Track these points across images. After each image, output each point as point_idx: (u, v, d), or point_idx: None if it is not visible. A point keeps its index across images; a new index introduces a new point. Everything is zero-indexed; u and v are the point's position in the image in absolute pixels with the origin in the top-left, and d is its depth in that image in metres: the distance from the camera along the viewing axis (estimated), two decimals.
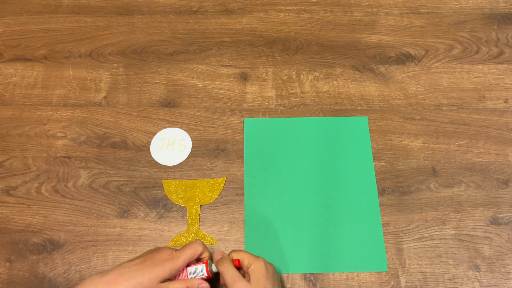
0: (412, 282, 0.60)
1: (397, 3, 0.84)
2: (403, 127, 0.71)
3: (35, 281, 0.60)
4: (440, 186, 0.66)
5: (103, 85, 0.76)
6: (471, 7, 0.84)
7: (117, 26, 0.82)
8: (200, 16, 0.83)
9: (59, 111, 0.73)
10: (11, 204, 0.65)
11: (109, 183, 0.67)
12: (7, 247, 0.63)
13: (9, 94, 0.75)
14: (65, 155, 0.69)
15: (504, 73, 0.76)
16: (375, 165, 0.68)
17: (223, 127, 0.72)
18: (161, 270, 0.50)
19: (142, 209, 0.65)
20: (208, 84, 0.76)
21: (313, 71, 0.77)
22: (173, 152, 0.69)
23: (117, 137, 0.71)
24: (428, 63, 0.77)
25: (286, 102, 0.74)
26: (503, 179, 0.67)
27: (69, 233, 0.63)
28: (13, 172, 0.68)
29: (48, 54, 0.79)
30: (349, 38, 0.80)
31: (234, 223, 0.64)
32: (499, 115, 0.72)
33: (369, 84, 0.75)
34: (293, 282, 0.60)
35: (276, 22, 0.82)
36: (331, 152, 0.69)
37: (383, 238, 0.63)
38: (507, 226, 0.64)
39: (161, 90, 0.75)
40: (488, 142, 0.70)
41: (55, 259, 0.62)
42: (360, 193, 0.66)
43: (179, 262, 0.51)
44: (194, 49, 0.79)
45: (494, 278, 0.60)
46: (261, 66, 0.77)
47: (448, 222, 0.64)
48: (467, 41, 0.80)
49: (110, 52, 0.79)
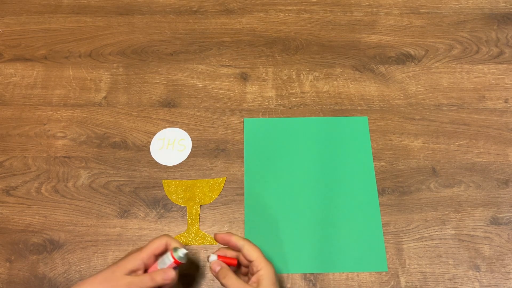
0: (412, 282, 0.60)
1: (397, 3, 0.84)
2: (403, 127, 0.71)
3: (35, 281, 0.60)
4: (440, 186, 0.67)
5: (103, 85, 0.76)
6: (471, 7, 0.84)
7: (117, 26, 0.82)
8: (200, 16, 0.83)
9: (59, 111, 0.73)
10: (11, 204, 0.66)
11: (109, 183, 0.67)
12: (7, 247, 0.63)
13: (9, 94, 0.75)
14: (65, 155, 0.69)
15: (504, 73, 0.76)
16: (375, 165, 0.68)
17: (223, 127, 0.72)
18: (124, 261, 0.51)
19: (142, 209, 0.65)
20: (208, 84, 0.76)
21: (313, 71, 0.77)
22: (173, 152, 0.69)
23: (117, 137, 0.71)
24: (428, 63, 0.77)
25: (286, 102, 0.74)
26: (503, 179, 0.67)
27: (69, 233, 0.63)
28: (13, 172, 0.68)
29: (48, 54, 0.79)
30: (349, 38, 0.80)
31: (234, 223, 0.64)
32: (499, 115, 0.72)
33: (369, 84, 0.75)
34: (293, 282, 0.60)
35: (276, 22, 0.82)
36: (331, 152, 0.69)
37: (383, 238, 0.63)
38: (507, 226, 0.64)
39: (161, 90, 0.75)
40: (488, 142, 0.70)
41: (55, 259, 0.62)
42: (360, 193, 0.66)
43: (142, 253, 0.51)
44: (194, 49, 0.79)
45: (494, 278, 0.60)
46: (261, 66, 0.77)
47: (448, 222, 0.64)
48: (467, 41, 0.80)
49: (110, 52, 0.79)
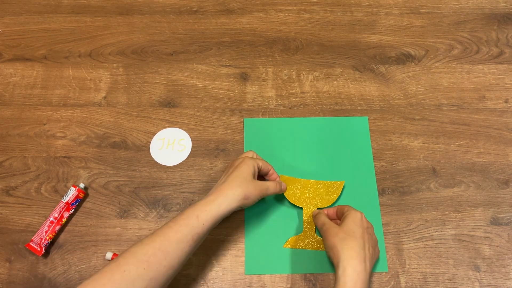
0: (412, 282, 0.60)
1: (397, 3, 0.84)
2: (403, 127, 0.71)
3: (35, 281, 0.60)
4: (440, 186, 0.66)
5: (103, 85, 0.76)
6: (471, 7, 0.84)
7: (117, 26, 0.82)
8: (200, 16, 0.83)
9: (59, 111, 0.73)
10: (11, 204, 0.65)
11: (109, 183, 0.67)
12: (7, 247, 0.63)
13: (9, 94, 0.75)
14: (65, 155, 0.69)
15: (504, 73, 0.76)
16: (374, 165, 0.68)
17: (223, 127, 0.72)
18: (246, 173, 0.57)
19: (142, 209, 0.65)
20: (208, 84, 0.76)
21: (313, 71, 0.77)
22: (173, 152, 0.69)
23: (117, 137, 0.71)
24: (428, 63, 0.77)
25: (286, 102, 0.74)
26: (503, 179, 0.67)
27: (69, 233, 0.63)
28: (13, 172, 0.68)
29: (48, 54, 0.79)
30: (349, 38, 0.80)
31: (234, 223, 0.64)
32: (499, 115, 0.72)
33: (369, 84, 0.75)
34: (293, 282, 0.60)
35: (276, 22, 0.82)
36: (331, 152, 0.69)
37: (383, 238, 0.63)
38: (507, 226, 0.64)
39: (161, 90, 0.75)
40: (488, 142, 0.70)
41: (54, 259, 0.62)
42: (360, 193, 0.66)
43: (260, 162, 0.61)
44: (194, 49, 0.79)
45: (494, 278, 0.60)
46: (261, 66, 0.77)
47: (448, 222, 0.64)
48: (467, 41, 0.80)
49: (110, 52, 0.79)
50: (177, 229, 0.50)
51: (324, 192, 0.65)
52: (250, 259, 0.62)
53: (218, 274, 0.61)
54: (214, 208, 0.52)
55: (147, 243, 0.49)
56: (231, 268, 0.61)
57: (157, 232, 0.51)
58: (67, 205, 0.63)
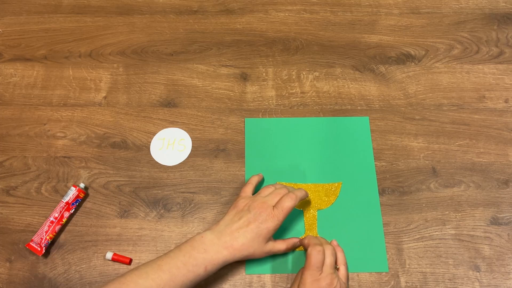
0: (412, 282, 0.60)
1: (397, 3, 0.84)
2: (403, 127, 0.71)
3: (35, 281, 0.60)
4: (440, 186, 0.66)
5: (103, 85, 0.76)
6: (471, 7, 0.84)
7: (117, 26, 0.82)
8: (200, 16, 0.83)
9: (59, 111, 0.73)
10: (11, 204, 0.65)
11: (109, 183, 0.67)
12: (7, 247, 0.63)
13: (9, 94, 0.75)
14: (65, 155, 0.69)
15: (504, 73, 0.76)
16: (374, 165, 0.68)
17: (223, 127, 0.72)
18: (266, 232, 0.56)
19: (142, 209, 0.65)
20: (208, 84, 0.76)
21: (313, 71, 0.77)
22: (173, 152, 0.69)
23: (117, 137, 0.71)
24: (428, 63, 0.77)
25: (286, 102, 0.74)
26: (503, 179, 0.67)
27: (69, 233, 0.63)
28: (13, 172, 0.68)
29: (48, 54, 0.79)
30: (349, 38, 0.80)
31: None
32: (499, 115, 0.72)
33: (369, 84, 0.75)
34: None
35: (276, 22, 0.82)
36: (332, 152, 0.69)
37: (383, 238, 0.63)
38: (507, 226, 0.64)
39: (161, 90, 0.75)
40: (488, 142, 0.70)
41: (55, 259, 0.62)
42: (361, 193, 0.66)
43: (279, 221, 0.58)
44: (194, 49, 0.79)
45: (494, 278, 0.60)
46: (261, 66, 0.77)
47: (448, 222, 0.64)
48: (467, 41, 0.80)
49: (110, 52, 0.79)
50: (185, 274, 0.52)
51: (323, 194, 0.65)
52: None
53: (218, 274, 0.60)
54: (222, 262, 0.55)
55: (152, 278, 0.51)
56: (231, 268, 0.61)
57: (164, 267, 0.52)
58: (67, 205, 0.63)
